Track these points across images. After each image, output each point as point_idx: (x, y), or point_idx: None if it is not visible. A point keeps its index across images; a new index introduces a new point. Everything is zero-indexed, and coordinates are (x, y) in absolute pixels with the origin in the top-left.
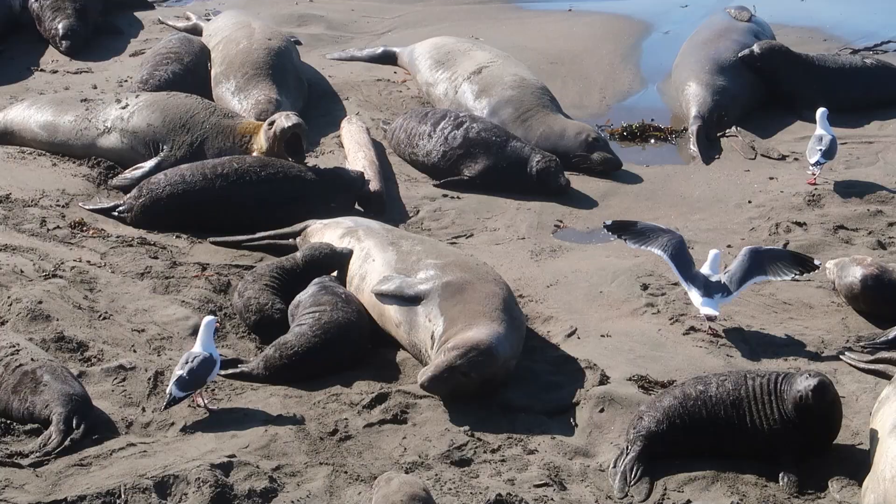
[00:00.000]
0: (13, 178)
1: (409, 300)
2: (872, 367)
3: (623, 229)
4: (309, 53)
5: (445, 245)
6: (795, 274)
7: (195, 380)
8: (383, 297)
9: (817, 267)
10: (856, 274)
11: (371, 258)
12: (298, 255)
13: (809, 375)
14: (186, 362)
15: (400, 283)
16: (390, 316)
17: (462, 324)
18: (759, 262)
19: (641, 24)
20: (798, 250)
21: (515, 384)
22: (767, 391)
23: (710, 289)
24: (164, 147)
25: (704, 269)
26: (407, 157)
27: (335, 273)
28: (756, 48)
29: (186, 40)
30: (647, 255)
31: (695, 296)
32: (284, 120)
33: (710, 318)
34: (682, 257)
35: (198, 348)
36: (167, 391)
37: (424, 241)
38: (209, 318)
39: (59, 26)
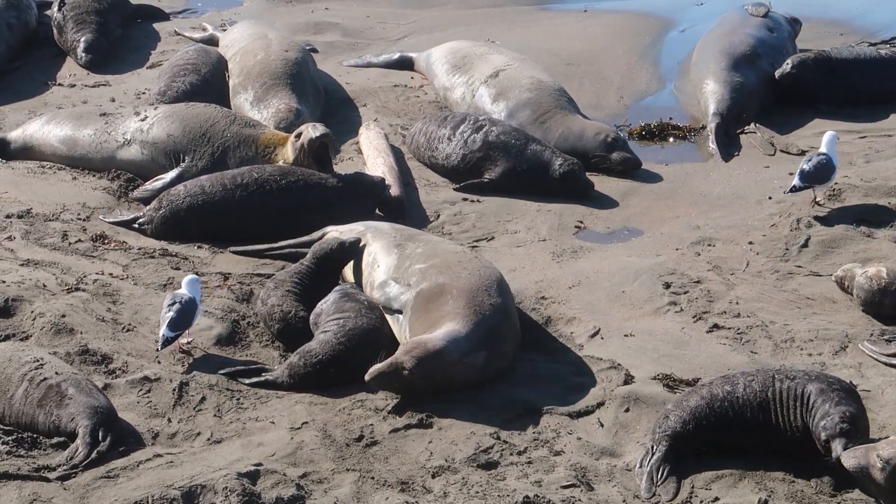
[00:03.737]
0: (34, 193)
1: (396, 312)
2: (893, 360)
3: None
4: (325, 61)
5: (446, 245)
6: None
7: (183, 320)
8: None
9: None
10: (872, 287)
11: (377, 264)
12: (309, 254)
13: (836, 426)
14: (174, 303)
15: (388, 293)
16: (393, 329)
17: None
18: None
19: (657, 23)
20: (820, 245)
21: (540, 386)
22: (794, 397)
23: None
24: (186, 157)
25: (822, 149)
26: (426, 161)
27: (352, 277)
28: (790, 67)
29: (203, 51)
30: (669, 253)
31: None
32: (312, 130)
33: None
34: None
35: (183, 292)
36: (160, 334)
37: (429, 243)
38: (193, 276)
39: (82, 40)
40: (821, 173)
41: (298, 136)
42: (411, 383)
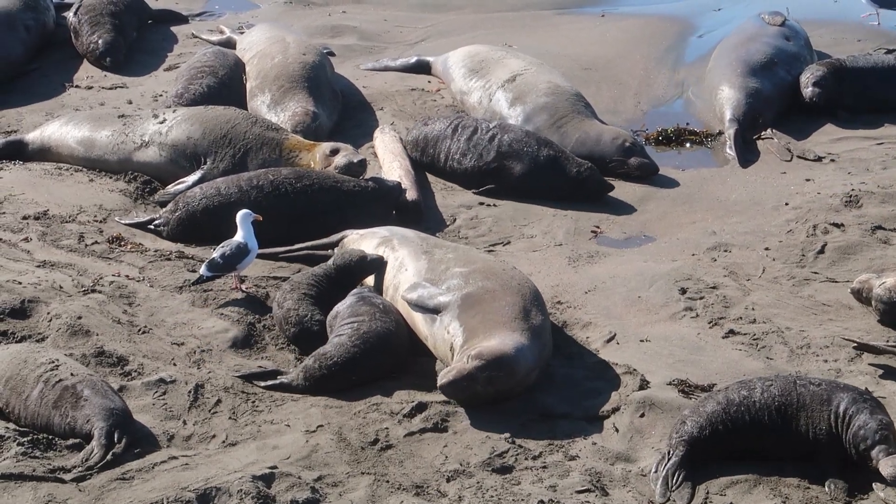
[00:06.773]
0: (51, 195)
1: (431, 310)
2: (889, 347)
3: None
4: (342, 64)
5: (479, 253)
6: None
7: (226, 264)
8: (409, 304)
9: None
10: (892, 297)
11: (404, 268)
12: (331, 262)
13: (876, 434)
14: (222, 247)
15: (423, 292)
16: (420, 329)
17: (482, 335)
18: None
19: (675, 28)
20: (836, 252)
21: (555, 390)
22: (820, 401)
23: None
24: (207, 160)
25: None
26: (441, 169)
27: (371, 283)
28: (817, 89)
29: (220, 54)
30: (685, 258)
31: None
32: (352, 157)
33: None
34: None
35: (237, 238)
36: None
37: (458, 249)
38: (244, 211)
39: (101, 41)
40: None
41: (334, 152)
42: (483, 394)
